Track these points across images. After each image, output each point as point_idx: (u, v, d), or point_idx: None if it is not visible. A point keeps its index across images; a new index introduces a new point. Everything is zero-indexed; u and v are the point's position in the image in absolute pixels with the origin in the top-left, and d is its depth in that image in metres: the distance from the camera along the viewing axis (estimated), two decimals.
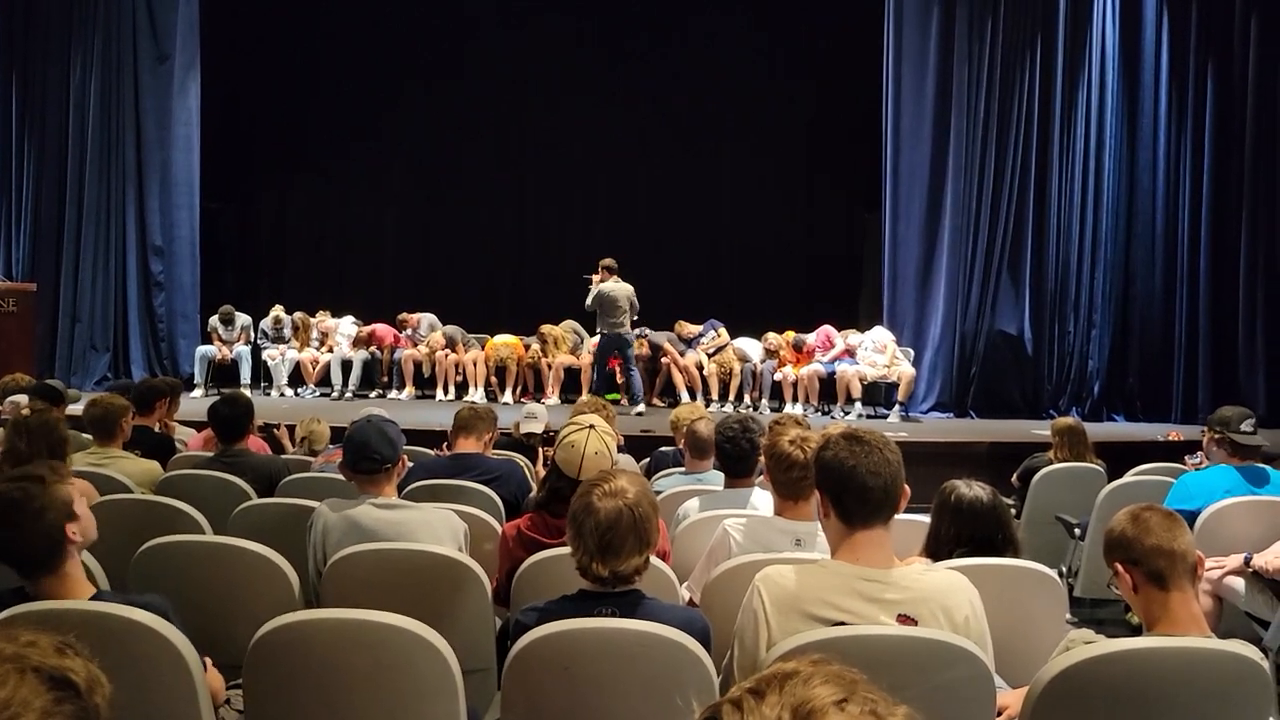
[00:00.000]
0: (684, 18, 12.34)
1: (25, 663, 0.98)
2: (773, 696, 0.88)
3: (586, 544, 2.22)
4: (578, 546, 2.25)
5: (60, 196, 10.65)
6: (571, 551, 2.28)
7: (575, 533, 2.26)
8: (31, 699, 0.95)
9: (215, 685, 2.37)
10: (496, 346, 10.37)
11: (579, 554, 2.25)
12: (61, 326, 10.60)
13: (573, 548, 2.27)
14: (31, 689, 0.96)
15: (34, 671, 0.98)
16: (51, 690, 0.97)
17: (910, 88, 10.12)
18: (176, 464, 4.59)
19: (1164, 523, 2.20)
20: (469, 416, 4.51)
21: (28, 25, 10.66)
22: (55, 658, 1.00)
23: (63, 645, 1.03)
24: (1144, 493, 4.09)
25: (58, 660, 1.00)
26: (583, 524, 2.23)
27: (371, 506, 3.06)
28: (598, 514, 2.21)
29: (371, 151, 12.68)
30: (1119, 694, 1.99)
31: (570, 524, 2.29)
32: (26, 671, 0.97)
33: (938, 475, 3.11)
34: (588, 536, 2.22)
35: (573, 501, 2.32)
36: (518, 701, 2.14)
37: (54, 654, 1.01)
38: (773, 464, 3.01)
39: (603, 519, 2.21)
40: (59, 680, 0.99)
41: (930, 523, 2.95)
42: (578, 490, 2.36)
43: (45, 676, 0.98)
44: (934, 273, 10.19)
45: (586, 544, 2.22)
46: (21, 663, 0.98)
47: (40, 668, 0.98)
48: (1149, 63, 10.08)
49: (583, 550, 2.23)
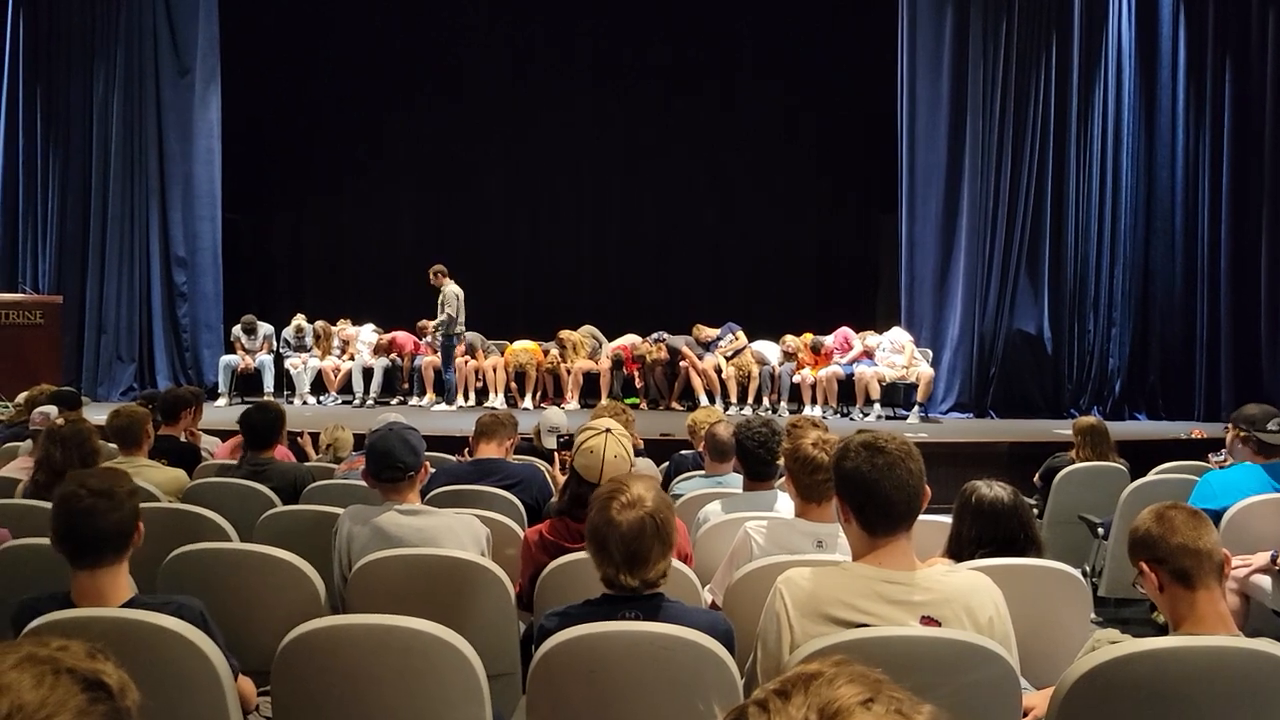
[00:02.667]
0: (698, 21, 12.37)
1: (59, 665, 0.99)
2: (798, 698, 0.88)
3: (612, 558, 2.19)
4: (603, 560, 2.22)
5: (85, 209, 10.78)
6: (596, 565, 2.25)
7: (599, 548, 2.22)
8: (67, 699, 0.97)
9: (246, 692, 2.39)
10: (515, 352, 10.41)
11: (604, 568, 2.22)
12: (87, 337, 10.73)
13: (597, 562, 2.24)
14: (67, 690, 0.98)
15: (68, 673, 0.99)
16: (85, 691, 0.99)
17: (925, 89, 10.10)
18: (202, 472, 4.63)
19: (1189, 521, 2.19)
20: (490, 422, 4.53)
21: (51, 41, 10.80)
22: (88, 661, 1.02)
23: (94, 650, 1.05)
24: (1167, 491, 4.07)
25: (90, 664, 1.02)
26: (606, 539, 2.20)
27: (395, 513, 3.08)
28: (620, 527, 2.19)
29: (387, 161, 12.78)
30: (1146, 694, 1.98)
31: (591, 540, 2.25)
32: (61, 673, 0.99)
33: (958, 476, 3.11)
34: (613, 550, 2.19)
35: (590, 517, 2.28)
36: (542, 706, 2.14)
37: (86, 658, 1.03)
38: (795, 467, 3.01)
39: (626, 531, 2.18)
40: (92, 682, 1.00)
41: (951, 524, 2.94)
42: (592, 504, 2.31)
43: (79, 678, 1.00)
44: (951, 273, 10.16)
45: (612, 558, 2.19)
46: (56, 664, 0.99)
47: (75, 669, 1.00)
48: (1166, 60, 10.02)
49: (608, 564, 2.21)
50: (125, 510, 2.32)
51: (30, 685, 0.96)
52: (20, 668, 0.97)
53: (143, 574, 2.80)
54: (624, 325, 10.88)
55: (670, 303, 11.88)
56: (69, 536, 2.29)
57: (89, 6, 10.76)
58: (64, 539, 2.30)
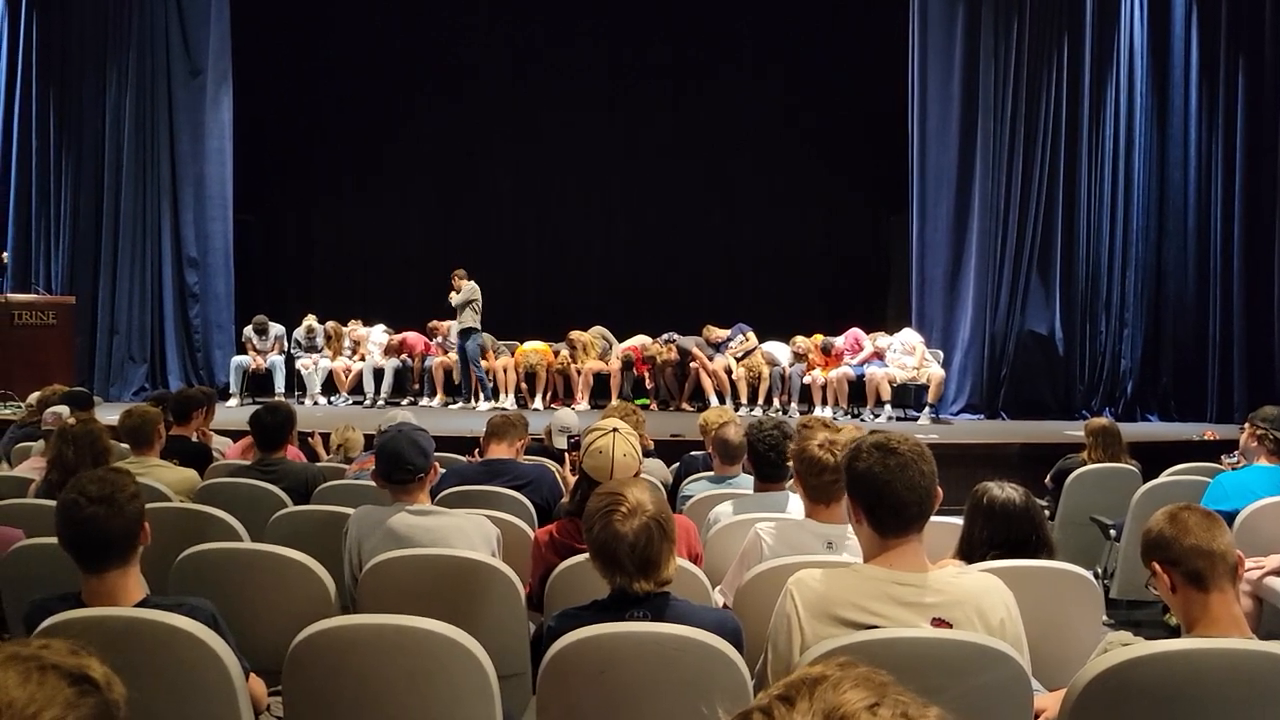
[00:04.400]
0: (705, 21, 12.37)
1: (44, 661, 1.01)
2: (803, 703, 0.87)
3: (624, 567, 2.17)
4: (613, 572, 2.19)
5: (97, 211, 10.83)
6: (604, 575, 2.23)
7: (608, 560, 2.19)
8: (54, 694, 0.98)
9: (258, 692, 2.40)
10: (526, 353, 10.42)
11: (615, 577, 2.20)
12: (100, 338, 10.77)
13: (605, 574, 2.22)
14: (54, 685, 0.99)
15: (54, 669, 1.01)
16: (72, 685, 1.01)
17: (936, 89, 10.07)
18: (213, 472, 4.65)
19: (1203, 522, 2.18)
20: (500, 423, 4.53)
21: (64, 43, 10.86)
22: (71, 657, 1.03)
23: (76, 648, 1.06)
24: (1180, 493, 4.05)
25: (74, 659, 1.03)
26: (614, 550, 2.17)
27: (406, 513, 3.08)
28: (628, 538, 2.16)
29: (397, 162, 12.82)
30: (1158, 696, 1.97)
31: (598, 554, 2.22)
32: (47, 669, 1.00)
33: (969, 477, 3.10)
34: (624, 560, 2.17)
35: (593, 532, 2.23)
36: (553, 706, 2.15)
37: (69, 654, 1.04)
38: (803, 468, 3.01)
39: (634, 540, 2.16)
40: (78, 676, 1.02)
41: (963, 525, 2.93)
42: (590, 516, 2.25)
43: (64, 673, 1.01)
44: (962, 274, 10.13)
45: (624, 567, 2.17)
46: (41, 661, 1.01)
47: (59, 665, 1.01)
48: (1178, 59, 9.97)
49: (619, 574, 2.18)
50: (127, 515, 2.30)
51: (17, 682, 0.97)
52: (5, 666, 0.99)
53: (154, 574, 2.81)
54: (634, 326, 10.88)
55: (680, 303, 11.87)
56: (73, 545, 2.29)
57: (102, 9, 10.81)
58: (68, 547, 2.30)
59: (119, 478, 2.37)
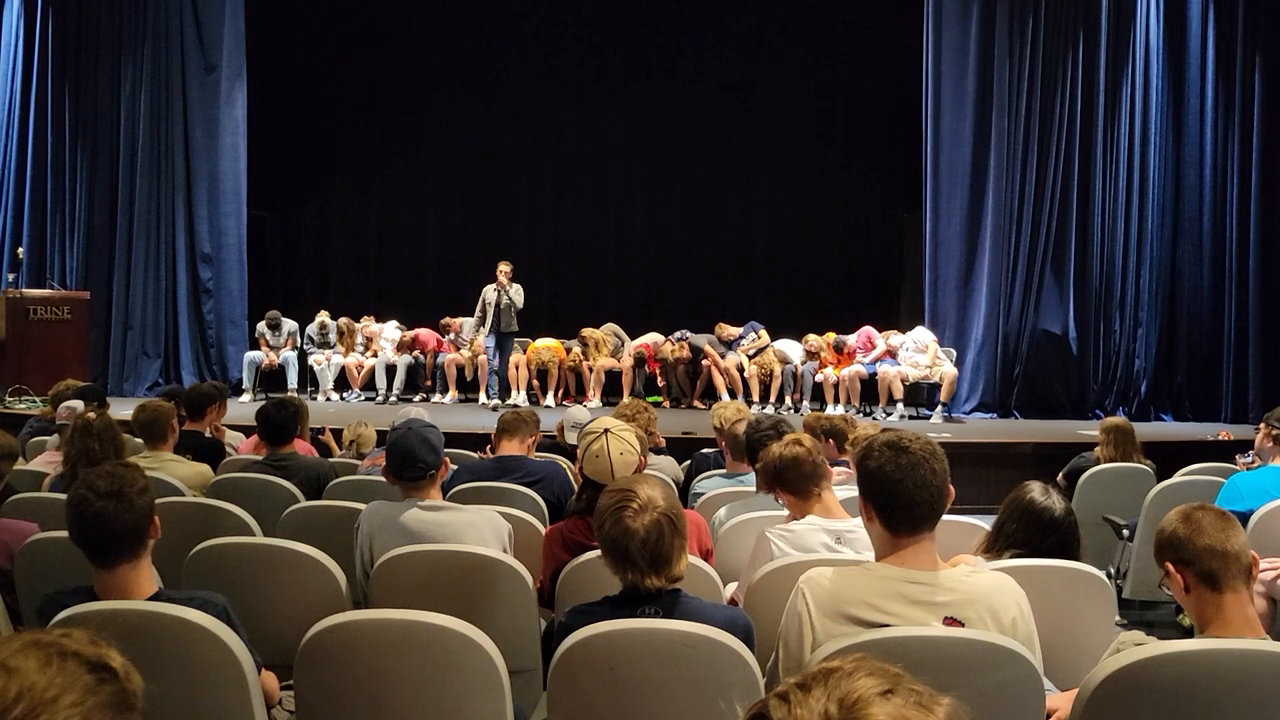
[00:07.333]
0: (721, 20, 12.35)
1: (65, 649, 1.02)
2: (818, 690, 0.90)
3: (636, 564, 2.17)
4: (625, 569, 2.19)
5: (112, 206, 10.88)
6: (615, 572, 2.22)
7: (620, 557, 2.19)
8: (74, 680, 1.00)
9: (270, 686, 2.41)
10: (538, 350, 10.43)
11: (627, 574, 2.19)
12: (114, 333, 10.82)
13: (617, 571, 2.21)
14: (73, 671, 1.00)
15: (74, 656, 1.02)
16: (91, 673, 1.02)
17: (950, 87, 10.04)
18: (226, 467, 4.67)
19: (1217, 522, 2.16)
20: (512, 419, 4.54)
21: (79, 39, 10.91)
22: (91, 646, 1.05)
23: (96, 638, 1.07)
24: (1194, 493, 4.03)
25: (94, 649, 1.05)
26: (626, 548, 2.17)
27: (418, 509, 3.09)
28: (638, 534, 2.16)
29: (410, 159, 12.84)
30: (1171, 697, 1.96)
31: (610, 551, 2.21)
32: (67, 656, 1.01)
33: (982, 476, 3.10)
34: (636, 557, 2.16)
35: (603, 530, 2.22)
36: (563, 702, 2.15)
37: (89, 643, 1.05)
38: (771, 475, 3.03)
39: (646, 536, 2.16)
40: (97, 665, 1.03)
41: (998, 515, 2.91)
42: (601, 513, 2.24)
43: (84, 661, 1.02)
44: (976, 273, 10.09)
45: (636, 564, 2.17)
46: (61, 648, 1.02)
47: (79, 653, 1.03)
48: (1194, 58, 9.91)
49: (631, 571, 2.18)
50: (137, 510, 2.29)
51: (37, 667, 0.99)
52: (25, 652, 1.00)
53: (167, 568, 2.83)
54: (646, 323, 10.89)
55: (693, 301, 11.86)
56: (82, 539, 2.29)
57: (117, 5, 10.86)
58: (78, 541, 2.31)
59: (128, 472, 2.37)
